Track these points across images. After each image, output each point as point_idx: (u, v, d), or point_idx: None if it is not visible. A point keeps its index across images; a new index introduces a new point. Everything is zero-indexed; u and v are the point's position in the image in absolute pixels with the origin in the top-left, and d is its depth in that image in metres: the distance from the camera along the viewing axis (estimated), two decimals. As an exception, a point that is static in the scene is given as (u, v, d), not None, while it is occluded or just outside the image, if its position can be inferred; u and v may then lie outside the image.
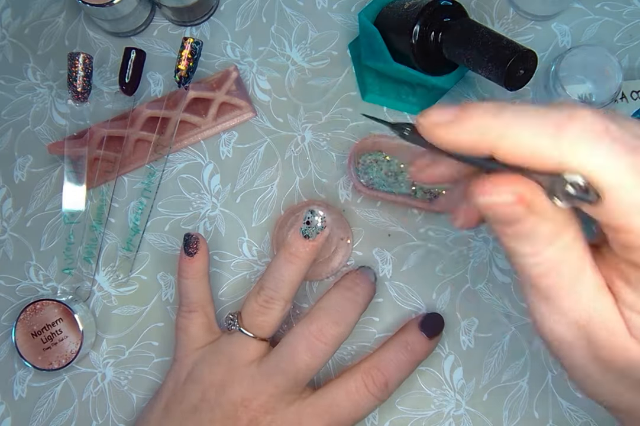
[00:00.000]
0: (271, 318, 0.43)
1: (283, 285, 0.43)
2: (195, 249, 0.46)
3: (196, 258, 0.46)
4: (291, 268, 0.43)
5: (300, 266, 0.43)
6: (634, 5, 0.52)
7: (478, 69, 0.41)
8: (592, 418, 0.47)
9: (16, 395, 0.50)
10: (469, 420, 0.47)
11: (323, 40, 0.53)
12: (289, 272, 0.43)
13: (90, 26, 0.54)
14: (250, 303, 0.43)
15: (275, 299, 0.43)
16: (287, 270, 0.43)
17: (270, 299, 0.43)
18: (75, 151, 0.50)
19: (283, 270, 0.43)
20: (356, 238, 0.50)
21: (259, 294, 0.43)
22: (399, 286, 0.49)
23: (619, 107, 0.50)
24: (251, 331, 0.43)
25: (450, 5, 0.44)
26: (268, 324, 0.43)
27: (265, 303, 0.43)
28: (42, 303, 0.48)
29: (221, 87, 0.50)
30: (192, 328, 0.45)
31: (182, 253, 0.46)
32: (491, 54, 0.40)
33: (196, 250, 0.46)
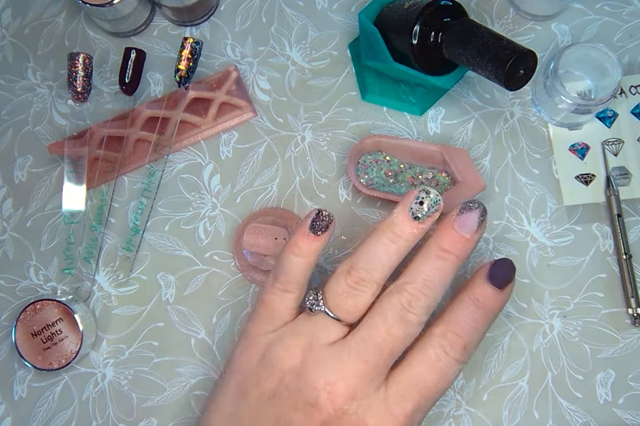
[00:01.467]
0: (361, 302, 0.39)
1: (379, 267, 0.39)
2: (325, 228, 0.40)
3: (321, 237, 0.40)
4: (392, 249, 0.39)
5: (401, 248, 0.39)
6: (634, 5, 0.52)
7: (478, 69, 0.41)
8: (592, 418, 0.47)
9: (16, 395, 0.50)
10: (469, 420, 0.47)
11: (323, 40, 0.53)
12: (390, 253, 0.39)
13: (90, 26, 0.54)
14: (338, 282, 0.39)
15: (368, 282, 0.39)
16: (387, 251, 0.39)
17: (361, 281, 0.39)
18: (75, 151, 0.50)
19: (382, 251, 0.39)
20: (356, 237, 0.50)
21: (349, 273, 0.39)
22: (399, 286, 0.49)
23: (618, 103, 0.50)
24: (337, 314, 0.39)
25: (450, 5, 0.44)
26: (356, 309, 0.39)
27: (355, 284, 0.39)
28: (42, 303, 0.48)
29: (221, 87, 0.50)
30: (280, 307, 0.41)
31: (305, 228, 0.40)
32: (491, 54, 0.40)
33: (326, 229, 0.40)
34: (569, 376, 0.47)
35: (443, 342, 0.39)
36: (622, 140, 0.50)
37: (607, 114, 0.50)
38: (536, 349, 0.48)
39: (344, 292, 0.39)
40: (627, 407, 0.47)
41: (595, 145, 0.50)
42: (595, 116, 0.50)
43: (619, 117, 0.50)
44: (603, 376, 0.47)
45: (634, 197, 0.49)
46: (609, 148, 0.50)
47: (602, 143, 0.50)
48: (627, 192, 0.49)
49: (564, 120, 0.49)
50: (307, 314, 0.40)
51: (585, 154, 0.50)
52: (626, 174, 0.49)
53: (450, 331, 0.39)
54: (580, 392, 0.47)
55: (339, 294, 0.39)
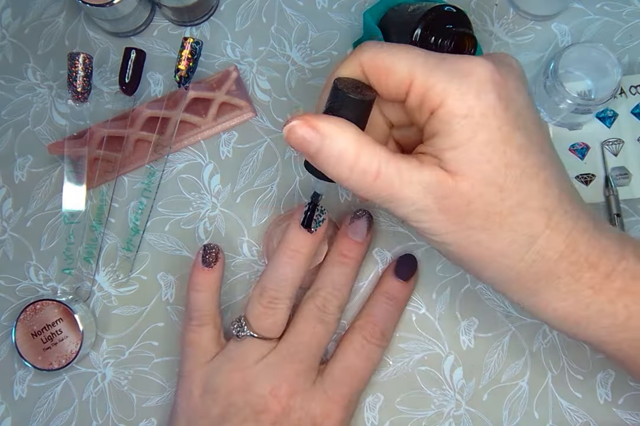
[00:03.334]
0: (278, 319, 0.43)
1: (285, 284, 0.43)
2: (215, 260, 0.46)
3: (214, 269, 0.46)
4: (294, 265, 0.43)
5: (302, 261, 0.43)
6: (634, 5, 0.52)
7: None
8: (592, 418, 0.47)
9: (16, 395, 0.50)
10: (469, 420, 0.47)
11: (323, 40, 0.53)
12: (293, 270, 0.43)
13: (90, 26, 0.54)
14: (254, 305, 0.43)
15: (280, 300, 0.43)
16: (291, 268, 0.43)
17: (274, 300, 0.43)
18: (75, 151, 0.50)
19: (285, 269, 0.43)
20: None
21: (262, 296, 0.43)
22: (399, 286, 0.49)
23: (618, 103, 0.50)
24: (260, 334, 0.43)
25: (454, 12, 0.44)
26: (276, 326, 0.43)
27: (270, 304, 0.43)
28: (42, 303, 0.48)
29: (221, 87, 0.50)
30: (202, 341, 0.45)
31: (198, 264, 0.46)
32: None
33: (216, 261, 0.46)
34: (569, 376, 0.47)
35: (364, 333, 0.45)
36: (622, 140, 0.50)
37: (607, 114, 0.50)
38: (536, 349, 0.48)
39: (261, 313, 0.43)
40: (627, 407, 0.47)
41: (595, 145, 0.50)
42: (595, 116, 0.50)
43: (619, 117, 0.50)
44: (603, 376, 0.47)
45: (633, 197, 0.49)
46: (608, 148, 0.50)
47: (601, 143, 0.50)
48: (627, 192, 0.49)
49: (564, 120, 0.49)
50: (235, 341, 0.44)
51: (585, 154, 0.50)
52: (626, 174, 0.49)
53: (368, 322, 0.45)
54: (580, 392, 0.47)
55: (257, 317, 0.43)
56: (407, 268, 0.47)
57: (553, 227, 0.33)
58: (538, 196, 0.33)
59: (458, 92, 0.31)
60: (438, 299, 0.49)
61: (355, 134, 0.33)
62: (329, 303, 0.44)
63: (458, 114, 0.31)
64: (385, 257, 0.49)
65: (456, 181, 0.32)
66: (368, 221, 0.47)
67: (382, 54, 0.34)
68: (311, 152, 0.33)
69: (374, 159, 0.32)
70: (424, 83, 0.32)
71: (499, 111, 0.32)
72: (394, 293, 0.46)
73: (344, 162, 0.32)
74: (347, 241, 0.46)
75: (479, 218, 0.32)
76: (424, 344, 0.48)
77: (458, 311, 0.49)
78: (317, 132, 0.32)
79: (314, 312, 0.44)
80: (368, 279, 0.49)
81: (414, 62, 0.33)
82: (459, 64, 0.32)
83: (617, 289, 0.33)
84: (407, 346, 0.48)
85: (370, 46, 0.34)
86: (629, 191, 0.49)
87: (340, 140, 0.32)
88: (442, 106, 0.32)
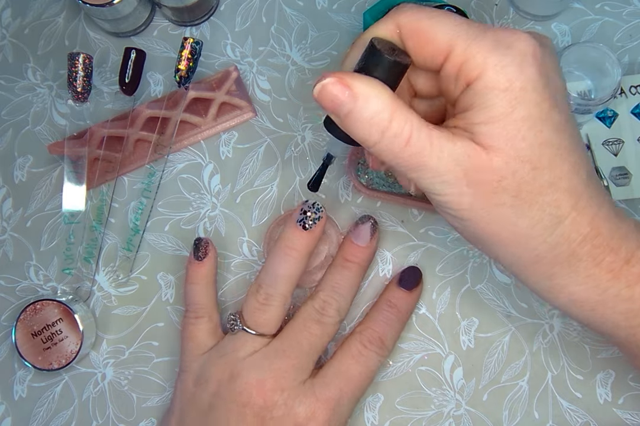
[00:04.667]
0: (272, 315, 0.43)
1: (281, 280, 0.43)
2: (204, 254, 0.47)
3: (204, 262, 0.47)
4: (290, 262, 0.43)
5: (297, 259, 0.43)
6: (634, 5, 0.52)
7: None
8: (592, 418, 0.47)
9: (16, 395, 0.50)
10: (469, 420, 0.47)
11: (323, 40, 0.53)
12: (286, 266, 0.43)
13: (90, 26, 0.54)
14: (250, 301, 0.44)
15: (274, 296, 0.43)
16: (284, 265, 0.43)
17: (269, 297, 0.43)
18: (75, 151, 0.50)
19: (280, 265, 0.43)
20: (356, 238, 0.50)
21: (258, 292, 0.43)
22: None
23: (618, 103, 0.50)
24: (254, 330, 0.43)
25: (454, 12, 0.44)
26: (269, 322, 0.43)
27: (265, 300, 0.43)
28: (42, 303, 0.48)
29: (221, 87, 0.50)
30: (198, 334, 0.45)
31: (191, 257, 0.47)
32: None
33: (205, 255, 0.46)
34: (569, 376, 0.47)
35: (362, 338, 0.45)
36: (622, 140, 0.50)
37: (607, 114, 0.50)
38: (536, 349, 0.48)
39: (256, 309, 0.43)
40: (627, 407, 0.47)
41: (596, 145, 0.50)
42: (595, 116, 0.50)
43: (619, 117, 0.50)
44: (603, 376, 0.47)
45: (634, 197, 0.49)
46: (608, 148, 0.50)
47: (586, 135, 0.49)
48: (627, 192, 0.49)
49: (564, 120, 0.49)
50: (230, 335, 0.44)
51: (585, 154, 0.50)
52: (626, 174, 0.49)
53: (367, 328, 0.45)
54: (580, 392, 0.47)
55: (252, 312, 0.44)
56: (411, 278, 0.47)
57: (579, 210, 0.32)
58: (568, 177, 0.32)
59: (499, 65, 0.30)
60: (438, 299, 0.49)
61: (390, 97, 0.31)
62: (328, 306, 0.44)
63: (497, 87, 0.30)
64: (385, 257, 0.49)
65: (490, 156, 0.31)
66: (372, 226, 0.47)
67: (423, 18, 0.32)
68: (343, 113, 0.32)
69: (407, 124, 0.31)
70: (464, 52, 0.31)
71: (540, 87, 0.31)
72: (395, 301, 0.46)
73: (376, 125, 0.31)
74: (351, 246, 0.47)
75: (508, 195, 0.32)
76: (424, 344, 0.48)
77: (458, 311, 0.49)
78: (351, 92, 0.31)
79: (311, 313, 0.44)
80: (368, 279, 0.49)
81: (456, 29, 0.31)
82: (502, 36, 0.31)
83: (637, 274, 0.33)
84: (407, 346, 0.48)
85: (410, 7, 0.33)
86: (629, 191, 0.49)
87: (374, 102, 0.31)
88: (481, 78, 0.31)
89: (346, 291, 0.45)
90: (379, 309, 0.46)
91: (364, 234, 0.46)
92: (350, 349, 0.44)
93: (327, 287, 0.45)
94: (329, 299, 0.45)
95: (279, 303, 0.43)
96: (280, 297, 0.43)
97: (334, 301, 0.45)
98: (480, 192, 0.32)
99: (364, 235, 0.46)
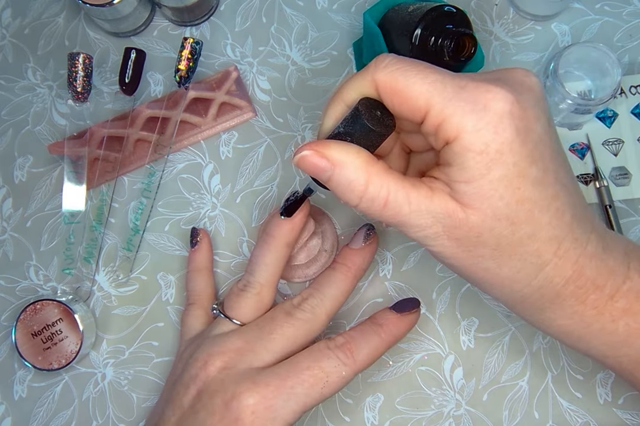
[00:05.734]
0: (245, 301, 0.43)
1: (258, 268, 0.43)
2: (197, 240, 0.49)
3: (197, 248, 0.49)
4: (266, 249, 0.43)
5: (275, 246, 0.43)
6: (634, 5, 0.52)
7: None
8: (592, 418, 0.47)
9: (16, 395, 0.50)
10: (469, 420, 0.47)
11: (323, 40, 0.53)
12: (264, 254, 0.43)
13: (90, 26, 0.54)
14: (232, 288, 0.45)
15: (251, 283, 0.43)
16: (262, 252, 0.43)
17: (247, 283, 0.43)
18: (75, 151, 0.50)
19: (258, 253, 0.44)
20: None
21: (240, 280, 0.44)
22: (399, 286, 0.49)
23: (618, 103, 0.50)
24: (228, 314, 0.43)
25: (454, 12, 0.44)
26: (240, 307, 0.43)
27: (243, 286, 0.44)
28: (42, 303, 0.48)
29: (221, 87, 0.50)
30: (188, 319, 0.47)
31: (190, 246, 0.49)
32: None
33: (196, 241, 0.49)
34: (569, 376, 0.47)
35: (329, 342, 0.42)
36: (622, 140, 0.50)
37: (607, 114, 0.50)
38: (536, 349, 0.48)
39: (234, 295, 0.44)
40: (627, 407, 0.47)
41: (596, 145, 0.50)
42: (595, 116, 0.50)
43: (619, 117, 0.50)
44: (603, 376, 0.47)
45: (634, 197, 0.49)
46: (608, 148, 0.50)
47: (586, 135, 0.50)
48: (627, 192, 0.49)
49: (564, 120, 0.49)
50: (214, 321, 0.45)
51: (585, 154, 0.50)
52: (626, 174, 0.49)
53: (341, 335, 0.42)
54: (580, 392, 0.47)
55: (230, 298, 0.44)
56: (406, 304, 0.45)
57: (561, 255, 0.33)
58: (548, 227, 0.33)
59: (474, 128, 0.31)
60: (438, 299, 0.49)
61: (365, 163, 0.33)
62: (305, 301, 0.43)
63: (473, 150, 0.31)
64: (385, 257, 0.49)
65: (467, 214, 0.32)
66: (367, 232, 0.47)
67: (398, 78, 0.33)
68: (324, 178, 0.34)
69: (382, 188, 0.33)
70: (441, 113, 0.32)
71: (516, 146, 0.31)
72: (380, 320, 0.43)
73: (353, 190, 0.33)
74: (344, 249, 0.47)
75: (488, 248, 0.33)
76: (424, 344, 0.48)
77: (458, 311, 0.49)
78: (328, 161, 0.33)
79: (285, 306, 0.43)
80: (368, 279, 0.49)
81: (432, 89, 0.32)
82: (477, 96, 0.31)
83: (620, 309, 0.34)
84: (407, 346, 0.48)
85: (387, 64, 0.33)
86: (629, 191, 0.49)
87: (350, 169, 0.33)
88: (457, 140, 0.31)
89: (331, 291, 0.44)
90: (361, 323, 0.44)
91: (357, 238, 0.47)
92: (312, 348, 0.42)
93: (312, 286, 0.45)
94: (307, 296, 0.44)
95: (254, 291, 0.43)
96: (257, 284, 0.43)
97: (312, 298, 0.43)
98: (461, 245, 0.33)
99: (357, 238, 0.47)
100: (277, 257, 0.43)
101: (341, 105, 0.36)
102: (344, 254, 0.46)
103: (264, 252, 0.43)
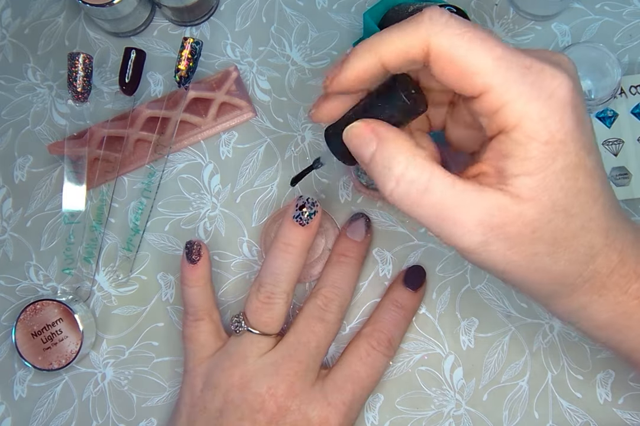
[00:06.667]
0: (276, 313, 0.43)
1: (282, 278, 0.43)
2: (198, 256, 0.46)
3: (199, 264, 0.46)
4: (289, 259, 0.43)
5: (296, 255, 0.43)
6: (634, 5, 0.52)
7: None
8: (592, 418, 0.47)
9: (16, 395, 0.50)
10: (469, 420, 0.47)
11: (323, 40, 0.53)
12: (287, 264, 0.43)
13: (90, 26, 0.54)
14: (252, 301, 0.44)
15: (277, 294, 0.43)
16: (284, 262, 0.43)
17: (271, 295, 0.43)
18: (75, 151, 0.50)
19: (279, 263, 0.43)
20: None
21: (259, 291, 0.43)
22: (399, 286, 0.49)
23: (618, 103, 0.50)
24: (258, 329, 0.43)
25: (454, 12, 0.44)
26: (273, 320, 0.43)
27: (267, 299, 0.43)
28: (42, 303, 0.48)
29: (221, 87, 0.50)
30: (200, 336, 0.45)
31: (185, 260, 0.46)
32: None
33: (199, 257, 0.46)
34: (569, 376, 0.47)
35: (370, 340, 0.45)
36: (622, 140, 0.50)
37: (607, 114, 0.50)
38: (536, 349, 0.48)
39: (258, 308, 0.43)
40: (627, 407, 0.47)
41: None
42: (595, 116, 0.50)
43: (619, 117, 0.50)
44: (603, 376, 0.47)
45: (634, 197, 0.49)
46: (608, 148, 0.50)
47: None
48: (627, 192, 0.49)
49: (564, 120, 0.49)
50: (235, 337, 0.44)
51: (585, 154, 0.50)
52: (626, 174, 0.49)
53: (375, 330, 0.45)
54: (580, 392, 0.47)
55: (255, 312, 0.43)
56: (416, 278, 0.47)
57: (609, 244, 0.33)
58: (599, 217, 0.32)
59: (539, 116, 0.29)
60: (438, 299, 0.49)
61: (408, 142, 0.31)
62: (330, 302, 0.45)
63: (538, 139, 0.29)
64: (385, 257, 0.49)
65: (521, 208, 0.30)
66: (366, 222, 0.48)
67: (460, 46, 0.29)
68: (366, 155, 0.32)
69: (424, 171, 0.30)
70: (502, 97, 0.29)
71: (577, 136, 0.30)
72: (402, 302, 0.46)
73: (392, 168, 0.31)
74: (346, 241, 0.47)
75: (544, 244, 0.31)
76: (424, 344, 0.48)
77: (458, 311, 0.49)
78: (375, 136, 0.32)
79: (314, 311, 0.44)
80: (368, 279, 0.49)
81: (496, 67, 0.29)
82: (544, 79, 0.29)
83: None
84: (407, 346, 0.48)
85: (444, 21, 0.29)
86: (629, 191, 0.49)
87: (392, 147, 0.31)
88: (519, 128, 0.29)
89: (346, 285, 0.46)
90: (386, 309, 0.46)
91: (359, 229, 0.47)
92: (359, 351, 0.45)
93: (328, 283, 0.45)
94: (330, 295, 0.45)
95: (282, 301, 0.43)
96: (282, 294, 0.43)
97: (335, 296, 0.45)
98: (514, 245, 0.31)
99: (359, 230, 0.47)
100: (299, 265, 0.44)
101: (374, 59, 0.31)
102: (349, 247, 0.47)
103: (285, 262, 0.43)
